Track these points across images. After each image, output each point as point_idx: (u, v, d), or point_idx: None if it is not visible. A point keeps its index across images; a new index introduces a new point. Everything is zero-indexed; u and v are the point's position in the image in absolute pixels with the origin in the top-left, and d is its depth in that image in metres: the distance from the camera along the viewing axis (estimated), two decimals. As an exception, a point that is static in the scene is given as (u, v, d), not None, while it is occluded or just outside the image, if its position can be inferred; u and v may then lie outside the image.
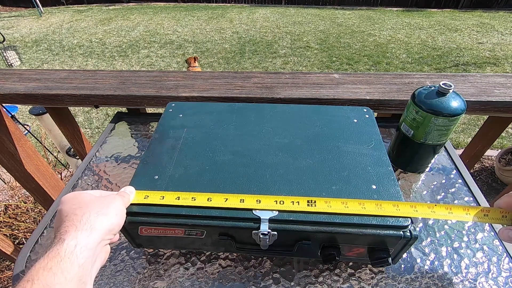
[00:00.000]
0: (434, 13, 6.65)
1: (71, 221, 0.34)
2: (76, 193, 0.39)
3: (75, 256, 0.31)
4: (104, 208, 0.37)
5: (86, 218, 0.34)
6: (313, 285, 0.49)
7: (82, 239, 0.32)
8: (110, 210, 0.37)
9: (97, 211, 0.36)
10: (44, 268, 0.29)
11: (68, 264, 0.30)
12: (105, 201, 0.38)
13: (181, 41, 5.15)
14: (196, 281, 0.50)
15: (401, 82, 0.82)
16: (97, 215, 0.35)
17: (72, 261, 0.30)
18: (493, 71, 3.77)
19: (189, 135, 0.58)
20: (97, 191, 0.41)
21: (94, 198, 0.38)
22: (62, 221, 0.34)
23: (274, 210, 0.44)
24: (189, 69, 3.50)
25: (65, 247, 0.31)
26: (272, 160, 0.52)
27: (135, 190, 0.46)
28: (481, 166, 2.15)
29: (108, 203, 0.38)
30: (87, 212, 0.35)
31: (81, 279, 0.30)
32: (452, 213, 0.42)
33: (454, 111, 0.54)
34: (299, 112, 0.64)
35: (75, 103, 0.83)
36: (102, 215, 0.36)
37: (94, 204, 0.37)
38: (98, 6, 7.88)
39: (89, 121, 2.99)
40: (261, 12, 7.02)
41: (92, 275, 0.33)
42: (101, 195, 0.40)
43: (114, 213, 0.38)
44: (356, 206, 0.43)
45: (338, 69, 4.07)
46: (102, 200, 0.38)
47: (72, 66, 4.30)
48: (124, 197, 0.42)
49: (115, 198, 0.40)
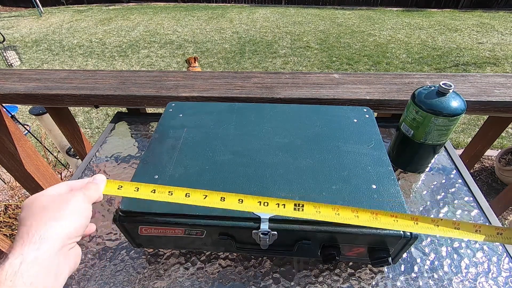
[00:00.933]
0: (434, 13, 6.65)
1: (20, 233, 0.30)
2: (34, 197, 0.34)
3: (19, 276, 0.27)
4: (58, 212, 0.33)
5: (34, 228, 0.31)
6: (313, 285, 0.49)
7: (29, 254, 0.29)
8: (65, 213, 0.33)
9: (48, 217, 0.32)
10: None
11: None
12: (60, 203, 0.34)
13: (181, 41, 5.15)
14: (196, 281, 0.50)
15: (401, 82, 0.82)
16: (48, 221, 0.31)
17: (16, 283, 0.27)
18: (493, 71, 3.77)
19: (189, 135, 0.58)
20: (60, 187, 0.37)
21: (49, 200, 0.34)
22: (17, 233, 0.31)
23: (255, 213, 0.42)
24: (189, 69, 3.50)
25: (7, 268, 0.27)
26: (272, 160, 0.52)
27: (105, 179, 0.41)
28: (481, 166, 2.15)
29: (62, 204, 0.34)
30: (35, 221, 0.31)
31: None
32: (460, 228, 0.37)
33: (454, 111, 0.54)
34: (299, 112, 0.64)
35: (75, 103, 0.83)
36: (54, 221, 0.32)
37: (46, 209, 0.33)
38: (98, 6, 7.88)
39: (89, 121, 2.99)
40: (261, 12, 7.02)
41: (56, 286, 0.31)
42: (59, 194, 0.35)
43: (70, 215, 0.33)
44: (349, 214, 0.39)
45: (338, 69, 4.07)
46: (58, 201, 0.34)
47: (72, 66, 4.30)
48: (88, 191, 0.37)
49: (73, 196, 0.35)
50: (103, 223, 0.60)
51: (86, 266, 0.53)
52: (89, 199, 0.37)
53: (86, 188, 0.38)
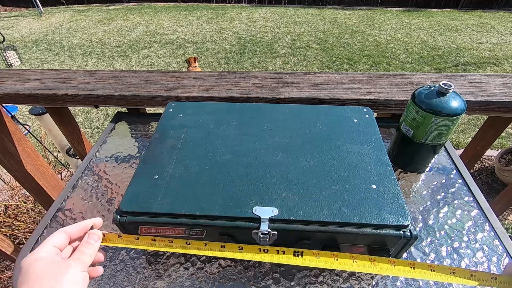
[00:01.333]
0: (434, 13, 6.65)
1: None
2: (30, 262, 0.33)
3: None
4: (57, 283, 0.31)
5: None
6: (313, 285, 0.49)
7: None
8: (64, 285, 0.32)
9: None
10: None
11: None
12: (57, 274, 0.32)
13: (181, 41, 5.15)
14: (196, 281, 0.50)
15: (401, 82, 0.82)
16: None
17: None
18: (493, 71, 3.77)
19: (189, 135, 0.58)
20: (56, 252, 0.35)
21: (45, 269, 0.32)
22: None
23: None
24: (189, 69, 3.50)
25: None
26: (272, 160, 0.52)
27: (101, 237, 0.40)
28: (481, 166, 2.15)
29: (59, 276, 0.32)
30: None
31: None
32: (455, 273, 0.37)
33: (454, 111, 0.54)
34: (299, 112, 0.64)
35: (75, 103, 0.83)
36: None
37: (42, 280, 0.31)
38: (98, 6, 7.88)
39: (89, 121, 2.99)
40: (261, 12, 7.02)
41: None
42: (54, 262, 0.34)
43: (68, 286, 0.32)
44: (347, 260, 0.38)
45: (338, 69, 4.07)
46: (54, 271, 0.32)
47: (72, 66, 4.30)
48: (83, 256, 0.36)
49: (70, 267, 0.34)
50: (103, 223, 0.60)
51: (86, 266, 0.53)
52: (85, 266, 0.36)
53: (83, 253, 0.37)
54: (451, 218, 0.58)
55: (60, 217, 0.62)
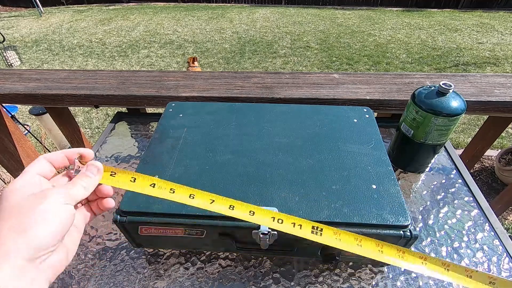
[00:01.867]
0: (434, 13, 6.65)
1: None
2: (6, 192, 0.27)
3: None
4: (24, 219, 0.25)
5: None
6: (313, 285, 0.49)
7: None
8: (32, 220, 0.26)
9: (9, 227, 0.25)
10: None
11: None
12: (30, 206, 0.26)
13: (181, 41, 5.15)
14: (196, 281, 0.50)
15: (401, 82, 0.82)
16: (9, 232, 0.25)
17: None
18: (493, 71, 3.77)
19: (189, 135, 0.58)
20: (35, 178, 0.29)
21: (19, 203, 0.27)
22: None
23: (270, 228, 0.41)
24: (188, 69, 3.51)
25: None
26: (272, 160, 0.52)
27: (102, 170, 0.34)
28: (481, 166, 2.15)
29: (33, 208, 0.26)
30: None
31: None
32: (471, 277, 0.35)
33: (454, 111, 0.54)
34: (299, 112, 0.64)
35: (75, 103, 0.83)
36: (16, 233, 0.25)
37: (10, 214, 0.26)
38: (98, 6, 7.88)
39: (89, 121, 2.99)
40: (261, 12, 7.02)
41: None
42: (33, 194, 0.28)
43: (40, 222, 0.26)
44: (372, 247, 0.36)
45: (338, 69, 4.07)
46: (28, 204, 0.27)
47: (72, 66, 4.30)
48: (74, 188, 0.30)
49: (45, 197, 0.27)
50: (103, 223, 0.60)
51: (86, 266, 0.53)
52: (72, 198, 0.29)
53: (73, 184, 0.30)
54: (451, 218, 0.58)
55: (60, 217, 0.62)
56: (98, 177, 0.33)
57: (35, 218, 0.26)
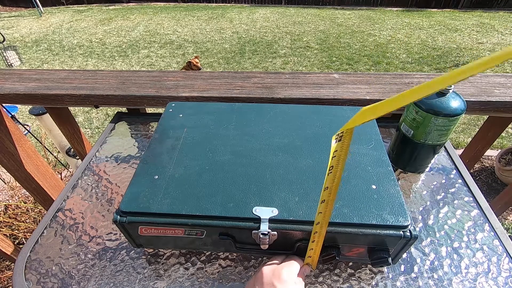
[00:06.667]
0: (434, 13, 6.65)
1: None
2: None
3: None
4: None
5: None
6: (313, 285, 0.49)
7: None
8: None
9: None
10: None
11: None
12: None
13: (181, 41, 5.15)
14: (196, 281, 0.50)
15: (401, 82, 0.82)
16: None
17: None
18: (493, 71, 3.77)
19: (189, 135, 0.58)
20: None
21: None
22: None
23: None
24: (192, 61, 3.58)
25: None
26: (272, 160, 0.52)
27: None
28: (481, 166, 2.15)
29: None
30: None
31: None
32: None
33: (454, 111, 0.54)
34: (299, 112, 0.64)
35: (75, 103, 0.83)
36: None
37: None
38: (98, 6, 7.88)
39: (89, 121, 2.99)
40: (261, 12, 7.02)
41: None
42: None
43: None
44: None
45: (338, 69, 4.07)
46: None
47: (72, 66, 4.30)
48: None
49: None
50: (103, 223, 0.60)
51: (86, 266, 0.53)
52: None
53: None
54: (451, 218, 0.58)
55: (60, 217, 0.62)
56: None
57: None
